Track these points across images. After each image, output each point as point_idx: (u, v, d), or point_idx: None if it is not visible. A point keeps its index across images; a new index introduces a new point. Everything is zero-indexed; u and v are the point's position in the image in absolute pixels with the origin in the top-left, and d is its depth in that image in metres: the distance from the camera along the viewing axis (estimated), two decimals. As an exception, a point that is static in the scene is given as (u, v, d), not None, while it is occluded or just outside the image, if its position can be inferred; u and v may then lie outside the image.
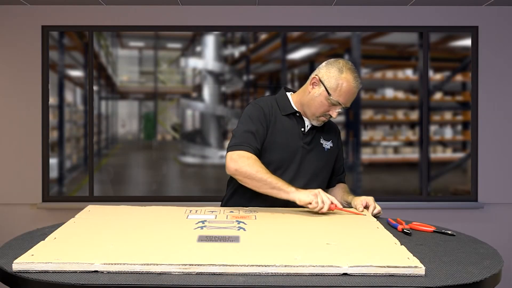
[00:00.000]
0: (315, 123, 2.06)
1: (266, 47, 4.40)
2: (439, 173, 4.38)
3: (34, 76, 3.96)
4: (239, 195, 2.08)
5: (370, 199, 1.98)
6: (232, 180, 2.13)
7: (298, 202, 1.83)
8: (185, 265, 1.22)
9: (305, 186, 2.02)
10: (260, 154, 1.99)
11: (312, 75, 2.02)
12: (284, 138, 2.02)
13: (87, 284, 1.15)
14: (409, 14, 3.99)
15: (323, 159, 2.10)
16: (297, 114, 2.07)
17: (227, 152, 1.96)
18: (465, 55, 4.23)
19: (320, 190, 1.85)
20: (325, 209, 1.81)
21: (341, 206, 1.88)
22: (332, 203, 1.83)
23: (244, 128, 1.98)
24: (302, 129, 2.06)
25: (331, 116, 2.01)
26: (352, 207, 2.01)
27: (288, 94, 2.13)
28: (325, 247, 1.40)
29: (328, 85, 1.95)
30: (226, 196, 2.17)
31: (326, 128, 2.14)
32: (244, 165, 1.88)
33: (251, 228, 1.60)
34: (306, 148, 2.05)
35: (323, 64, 2.03)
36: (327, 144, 2.12)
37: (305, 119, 2.07)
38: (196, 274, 1.21)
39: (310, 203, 1.81)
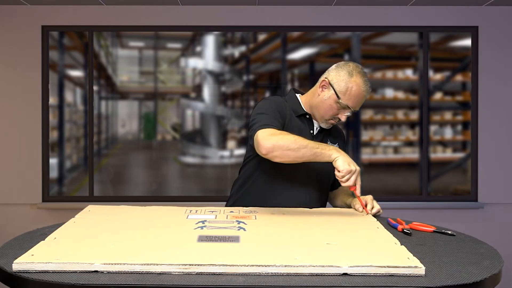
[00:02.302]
0: (324, 126, 2.05)
1: (266, 47, 4.40)
2: (439, 173, 4.38)
3: (34, 76, 3.96)
4: (245, 195, 2.06)
5: (368, 198, 1.98)
6: (237, 181, 2.13)
7: (333, 164, 1.80)
8: (185, 265, 1.22)
9: (311, 187, 2.03)
10: None
11: (322, 78, 2.01)
12: None
13: (87, 284, 1.15)
14: (409, 14, 3.99)
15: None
16: (307, 116, 2.06)
17: (253, 134, 1.86)
18: (465, 55, 4.23)
19: (358, 170, 1.80)
20: (345, 185, 1.80)
21: (358, 194, 1.85)
22: (355, 185, 1.81)
23: (266, 114, 1.91)
24: (311, 131, 2.06)
25: (339, 120, 2.00)
26: (351, 208, 2.01)
27: (298, 95, 2.13)
28: (325, 247, 1.40)
29: (337, 89, 1.94)
30: (232, 197, 2.15)
31: (333, 132, 2.14)
32: (278, 139, 1.78)
33: (251, 228, 1.60)
34: None
35: (333, 67, 2.01)
36: None
37: (314, 121, 2.07)
38: (196, 274, 1.21)
39: (340, 172, 1.78)
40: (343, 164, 1.77)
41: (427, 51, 4.09)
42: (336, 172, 1.80)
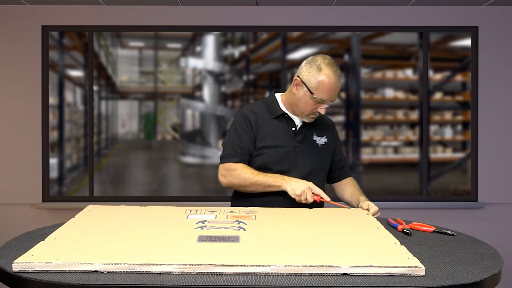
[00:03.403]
0: (306, 120, 2.09)
1: (266, 47, 4.40)
2: (439, 173, 4.38)
3: (34, 76, 3.96)
4: (241, 193, 2.13)
5: (371, 206, 2.01)
6: None
7: (288, 192, 1.97)
8: (185, 265, 1.22)
9: None
10: (252, 160, 2.08)
11: (295, 76, 2.06)
12: (274, 140, 2.06)
13: (87, 284, 1.16)
14: (409, 14, 3.99)
15: (318, 156, 2.12)
16: (286, 115, 2.10)
17: (219, 164, 2.11)
18: (465, 55, 4.23)
19: (309, 186, 1.95)
20: (307, 202, 1.96)
21: (328, 200, 1.98)
22: (316, 195, 1.97)
23: (230, 140, 2.09)
24: (293, 129, 2.09)
25: (320, 113, 2.03)
26: (355, 207, 2.06)
27: (278, 95, 2.17)
28: (325, 247, 1.40)
29: (309, 85, 1.99)
30: (233, 192, 2.22)
31: (319, 124, 2.17)
32: (232, 178, 2.04)
33: (251, 228, 1.60)
34: (298, 147, 2.07)
35: (303, 63, 2.06)
36: (321, 140, 2.14)
37: (294, 118, 2.10)
38: (196, 274, 1.21)
39: (295, 198, 1.96)
40: (291, 191, 1.95)
41: (427, 51, 4.09)
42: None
